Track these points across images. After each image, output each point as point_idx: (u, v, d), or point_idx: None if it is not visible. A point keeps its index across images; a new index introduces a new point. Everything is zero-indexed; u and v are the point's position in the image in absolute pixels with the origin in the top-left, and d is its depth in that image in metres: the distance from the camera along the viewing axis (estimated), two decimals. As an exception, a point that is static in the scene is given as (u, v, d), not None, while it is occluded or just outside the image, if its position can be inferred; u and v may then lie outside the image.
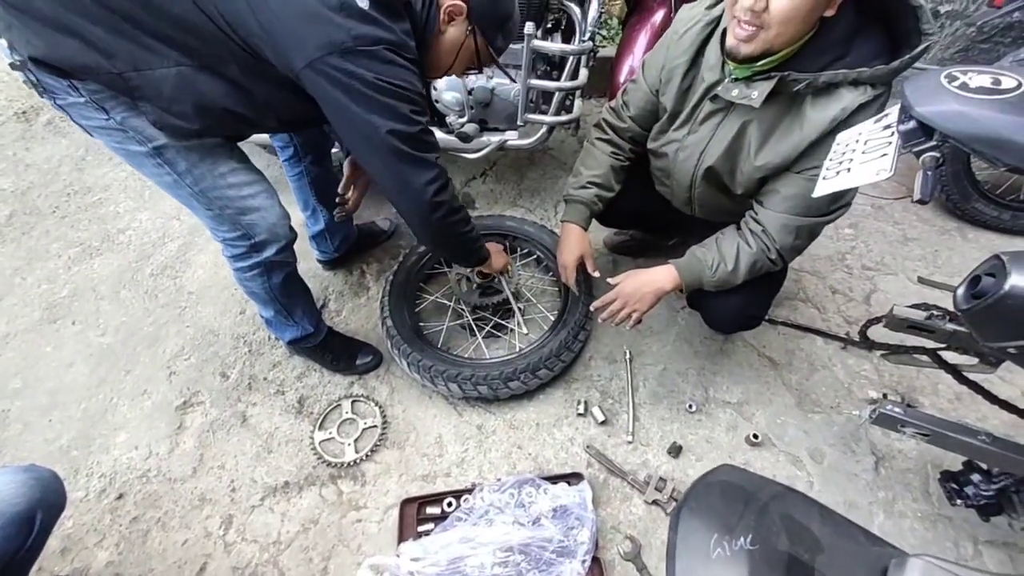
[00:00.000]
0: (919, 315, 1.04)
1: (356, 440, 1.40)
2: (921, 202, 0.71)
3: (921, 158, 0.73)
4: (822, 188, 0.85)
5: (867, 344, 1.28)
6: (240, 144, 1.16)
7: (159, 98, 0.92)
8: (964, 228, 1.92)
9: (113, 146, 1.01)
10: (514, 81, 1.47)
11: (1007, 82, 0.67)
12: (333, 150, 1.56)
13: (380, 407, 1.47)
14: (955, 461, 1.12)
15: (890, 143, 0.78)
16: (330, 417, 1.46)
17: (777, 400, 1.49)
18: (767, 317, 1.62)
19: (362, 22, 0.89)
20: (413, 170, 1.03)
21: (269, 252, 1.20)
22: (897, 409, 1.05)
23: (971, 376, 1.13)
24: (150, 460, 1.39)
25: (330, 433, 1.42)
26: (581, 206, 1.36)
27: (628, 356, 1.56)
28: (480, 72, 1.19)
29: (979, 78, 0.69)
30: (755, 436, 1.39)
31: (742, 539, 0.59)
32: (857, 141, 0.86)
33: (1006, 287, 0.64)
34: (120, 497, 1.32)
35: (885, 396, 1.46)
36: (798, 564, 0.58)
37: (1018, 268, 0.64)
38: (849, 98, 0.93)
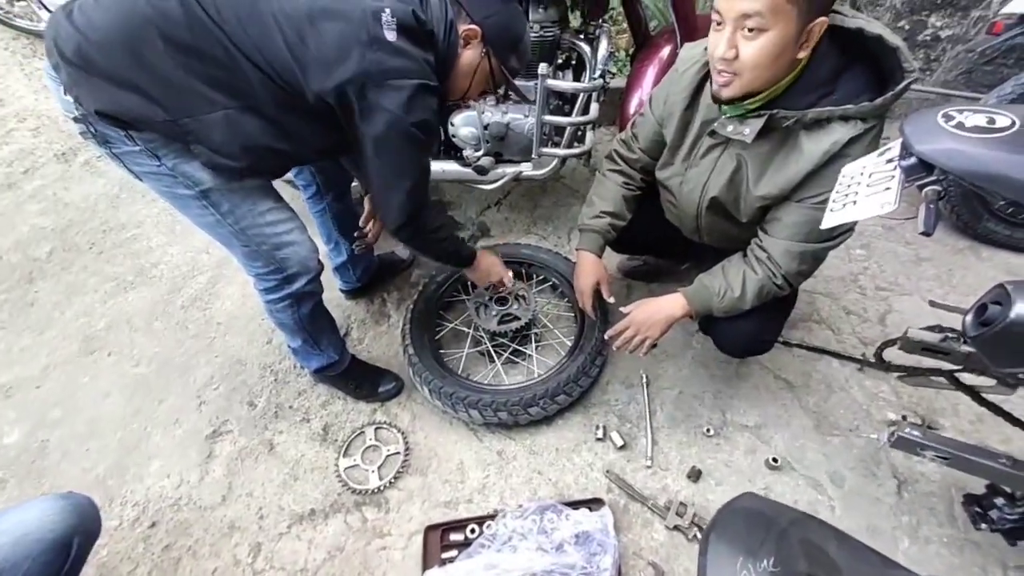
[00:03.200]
0: (934, 337, 1.06)
1: (380, 467, 1.44)
2: (925, 234, 0.75)
3: (923, 191, 0.77)
4: (830, 220, 0.88)
5: (883, 366, 1.29)
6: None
7: (210, 141, 1.00)
8: (977, 247, 1.93)
9: (162, 190, 1.09)
10: (530, 103, 1.53)
11: (1001, 121, 0.71)
12: (353, 184, 1.65)
13: (403, 434, 1.51)
14: (978, 484, 1.11)
15: (893, 177, 0.81)
16: (354, 444, 1.50)
17: (795, 423, 1.50)
18: (782, 339, 1.64)
19: (392, 56, 0.96)
20: (398, 196, 1.13)
21: (299, 284, 1.27)
22: (916, 432, 1.06)
23: (989, 397, 1.14)
24: (181, 488, 1.43)
25: (354, 460, 1.46)
26: (595, 235, 1.41)
27: (645, 380, 1.58)
28: (495, 94, 1.26)
29: (974, 117, 0.73)
30: (774, 460, 1.39)
31: (765, 562, 0.61)
32: (862, 174, 0.90)
33: (1012, 315, 0.67)
34: (153, 525, 1.37)
35: (904, 418, 1.48)
36: (819, 586, 0.60)
37: (1022, 297, 0.67)
38: (841, 132, 0.97)
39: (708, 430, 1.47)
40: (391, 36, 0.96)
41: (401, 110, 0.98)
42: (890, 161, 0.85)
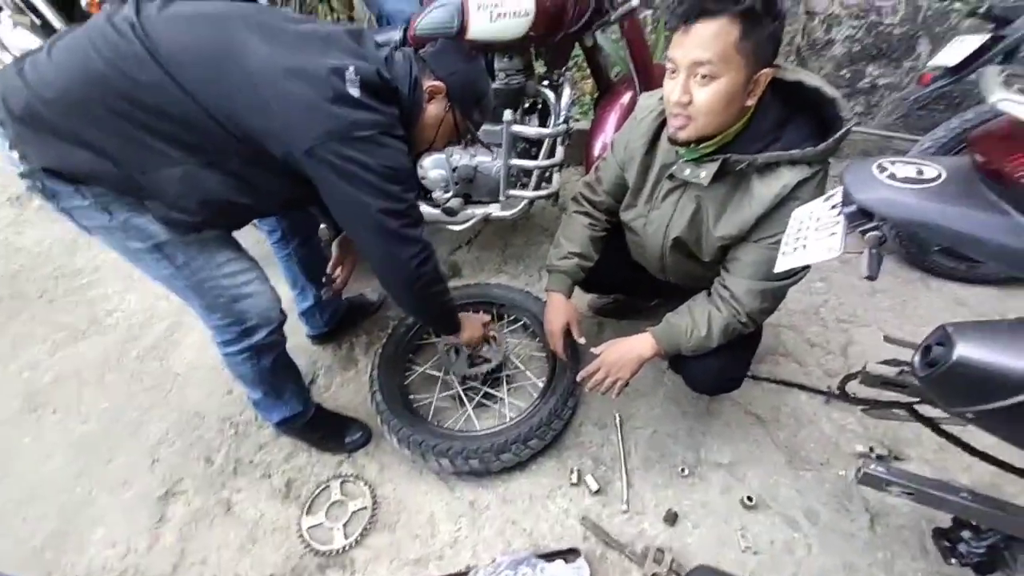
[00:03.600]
0: (891, 371, 1.08)
1: (345, 524, 1.36)
2: (870, 278, 0.78)
3: (866, 236, 0.81)
4: (782, 264, 0.91)
5: (847, 399, 1.31)
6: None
7: (165, 195, 0.97)
8: (927, 278, 2.02)
9: (114, 244, 1.06)
10: (491, 151, 1.56)
11: (928, 172, 0.76)
12: (320, 227, 1.62)
13: (370, 486, 1.44)
14: (946, 517, 1.13)
15: (838, 222, 0.85)
16: (318, 500, 1.42)
17: (767, 459, 1.50)
18: (750, 374, 1.66)
19: (356, 109, 0.97)
20: (400, 245, 1.09)
21: (260, 336, 1.23)
22: (880, 468, 1.07)
23: (949, 428, 1.17)
24: (128, 558, 1.32)
25: (318, 518, 1.38)
26: (564, 276, 1.42)
27: (618, 420, 1.57)
28: (461, 144, 1.30)
29: (905, 168, 0.78)
30: (749, 499, 1.38)
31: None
32: (810, 218, 0.94)
33: (954, 357, 0.69)
34: (94, 602, 1.25)
35: (872, 450, 1.50)
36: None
37: (962, 339, 0.69)
38: (789, 176, 1.03)
39: (683, 470, 1.46)
40: (355, 92, 0.97)
41: (368, 154, 0.98)
42: (835, 207, 0.89)
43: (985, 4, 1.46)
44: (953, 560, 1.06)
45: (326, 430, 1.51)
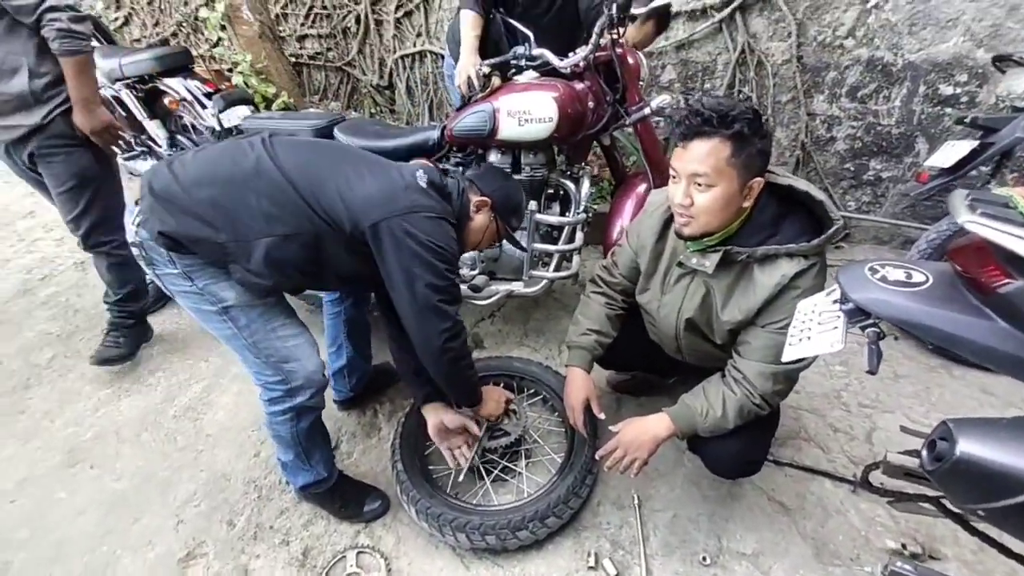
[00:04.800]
0: (913, 462, 1.08)
1: (359, 599, 1.35)
2: (870, 372, 0.83)
3: (865, 332, 0.87)
4: (789, 354, 0.97)
5: (873, 490, 1.29)
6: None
7: (247, 261, 1.17)
8: (949, 365, 2.01)
9: (190, 306, 1.26)
10: (524, 250, 1.73)
11: (916, 276, 0.83)
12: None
13: (386, 559, 1.44)
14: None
15: (839, 317, 0.92)
16: (334, 571, 1.42)
17: (793, 551, 1.45)
18: (772, 458, 1.64)
19: (421, 195, 1.24)
20: (436, 318, 1.23)
21: (303, 397, 1.34)
22: (908, 567, 1.04)
23: (980, 527, 1.13)
24: (144, 623, 1.33)
25: (333, 590, 1.37)
26: (583, 351, 1.49)
27: (637, 501, 1.55)
28: (498, 245, 1.52)
29: (895, 272, 0.85)
30: (775, 594, 1.33)
31: None
32: (813, 311, 1.01)
33: (957, 453, 0.72)
34: (105, 669, 1.25)
35: (904, 547, 1.44)
36: None
37: (964, 435, 0.73)
38: (787, 267, 1.13)
39: (704, 558, 1.42)
40: (422, 183, 1.26)
41: (424, 232, 1.18)
42: (836, 302, 0.96)
43: (970, 115, 1.60)
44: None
45: (346, 498, 1.54)
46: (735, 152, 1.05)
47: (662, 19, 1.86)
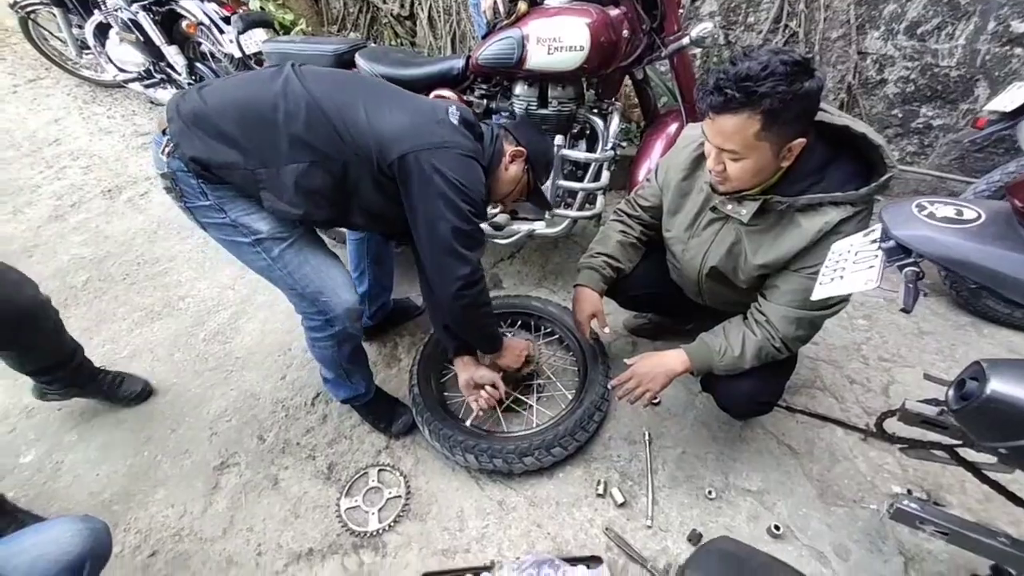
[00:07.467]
0: (931, 410, 1.08)
1: (380, 509, 1.45)
2: (905, 311, 0.81)
3: (903, 271, 0.84)
4: (818, 292, 0.95)
5: (885, 437, 1.30)
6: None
7: (277, 189, 1.15)
8: (979, 323, 1.96)
9: (222, 238, 1.25)
10: (548, 208, 1.65)
11: (968, 213, 0.79)
12: None
13: (405, 477, 1.52)
14: (985, 565, 1.10)
15: (876, 256, 0.89)
16: (356, 485, 1.52)
17: (799, 491, 1.49)
18: (785, 404, 1.65)
19: (454, 132, 1.20)
20: (456, 262, 1.22)
21: (340, 326, 1.36)
22: (913, 505, 1.07)
23: (992, 475, 1.14)
24: (184, 519, 1.45)
25: (356, 501, 1.47)
26: (592, 271, 1.49)
27: (647, 438, 1.60)
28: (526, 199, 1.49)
29: (944, 209, 0.81)
30: (776, 528, 1.38)
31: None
32: (849, 251, 0.97)
33: (987, 391, 0.71)
34: (153, 555, 1.38)
35: (909, 492, 1.46)
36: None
37: (996, 374, 0.72)
38: (832, 214, 1.07)
39: (710, 492, 1.47)
40: (455, 120, 1.22)
41: (453, 170, 1.15)
42: (874, 242, 0.92)
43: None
44: (990, 609, 1.04)
45: (379, 412, 1.64)
46: (765, 126, 0.97)
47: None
